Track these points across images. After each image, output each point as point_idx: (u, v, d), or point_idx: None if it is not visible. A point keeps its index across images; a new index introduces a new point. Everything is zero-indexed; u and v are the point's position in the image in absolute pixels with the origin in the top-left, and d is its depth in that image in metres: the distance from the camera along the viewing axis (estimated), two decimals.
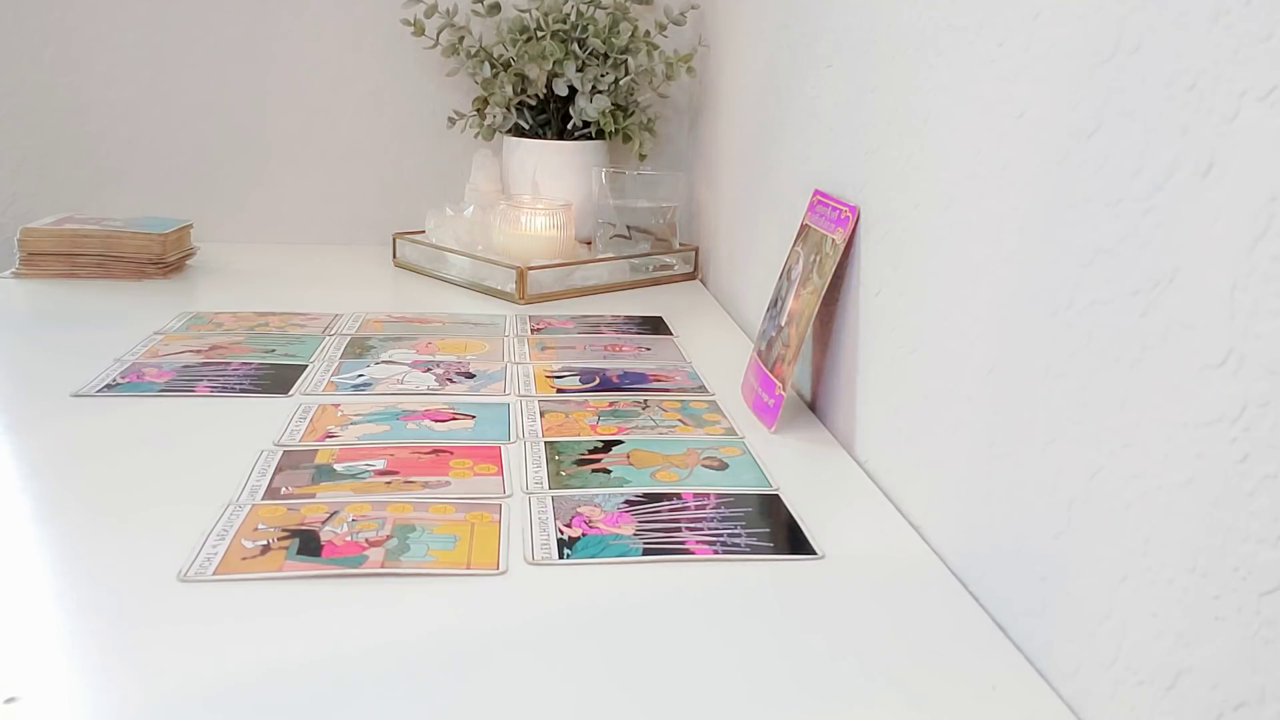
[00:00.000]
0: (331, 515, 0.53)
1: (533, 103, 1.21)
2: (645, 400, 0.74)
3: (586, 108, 1.16)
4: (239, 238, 1.29)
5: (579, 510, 0.56)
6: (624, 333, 0.93)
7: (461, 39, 1.19)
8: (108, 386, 0.73)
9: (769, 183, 0.91)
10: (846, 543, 0.54)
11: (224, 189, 1.29)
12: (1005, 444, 0.47)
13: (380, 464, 0.61)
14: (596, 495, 0.57)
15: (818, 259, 0.69)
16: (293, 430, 0.66)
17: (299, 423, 0.67)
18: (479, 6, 1.21)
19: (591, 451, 0.64)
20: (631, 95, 1.22)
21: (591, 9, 1.18)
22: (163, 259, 1.07)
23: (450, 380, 0.77)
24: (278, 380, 0.76)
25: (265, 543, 0.50)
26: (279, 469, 0.59)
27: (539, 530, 0.53)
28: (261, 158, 1.30)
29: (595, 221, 1.17)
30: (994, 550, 0.47)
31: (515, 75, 1.18)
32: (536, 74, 1.16)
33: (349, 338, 0.88)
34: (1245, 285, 0.32)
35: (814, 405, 0.75)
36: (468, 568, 0.49)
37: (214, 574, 0.48)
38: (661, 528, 0.54)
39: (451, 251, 1.12)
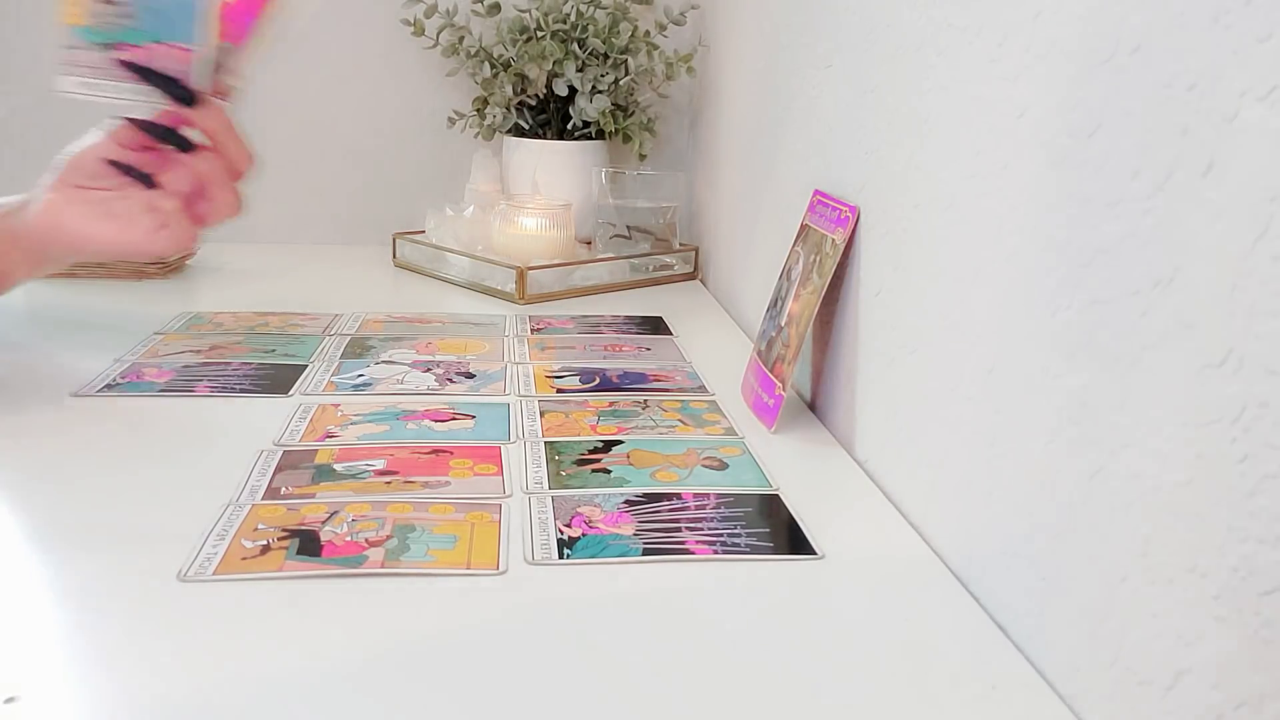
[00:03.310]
0: (331, 515, 0.53)
1: (533, 103, 1.21)
2: (645, 400, 0.74)
3: (586, 108, 1.16)
4: (239, 238, 1.29)
5: (579, 510, 0.56)
6: (624, 333, 0.93)
7: (461, 39, 1.19)
8: (108, 386, 0.73)
9: (769, 183, 0.91)
10: (846, 543, 0.54)
11: None
12: (1005, 444, 0.47)
13: (380, 464, 0.61)
14: (596, 495, 0.57)
15: (818, 259, 0.69)
16: (293, 430, 0.66)
17: (299, 423, 0.67)
18: (479, 6, 1.21)
19: (591, 451, 0.64)
20: (631, 95, 1.22)
21: (591, 9, 1.18)
22: (163, 259, 1.07)
23: (450, 380, 0.77)
24: (278, 380, 0.76)
25: (265, 543, 0.50)
26: (279, 469, 0.59)
27: (539, 530, 0.53)
28: (261, 158, 1.29)
29: (595, 221, 1.17)
30: (994, 550, 0.47)
31: (515, 75, 1.18)
32: (536, 74, 1.16)
33: (349, 338, 0.88)
34: (1245, 285, 0.32)
35: (814, 405, 0.75)
36: (468, 568, 0.49)
37: (214, 574, 0.48)
38: (661, 528, 0.54)
39: (451, 251, 1.12)
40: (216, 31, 0.70)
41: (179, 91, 0.70)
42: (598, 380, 0.78)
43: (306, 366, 0.79)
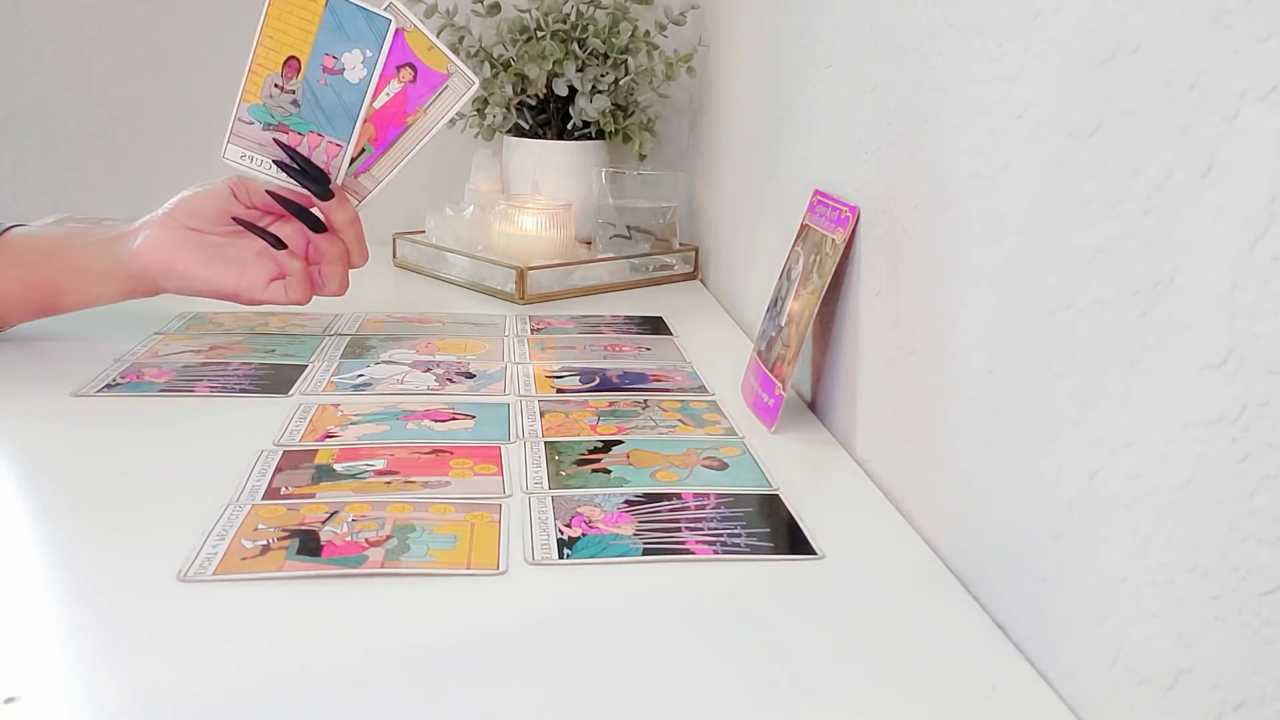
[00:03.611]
0: (331, 515, 0.53)
1: (533, 103, 1.21)
2: (645, 400, 0.74)
3: (586, 108, 1.16)
4: None
5: (579, 510, 0.56)
6: (624, 333, 0.93)
7: (461, 39, 1.19)
8: (108, 386, 0.73)
9: (769, 183, 0.91)
10: (846, 543, 0.54)
11: None
12: (1005, 444, 0.47)
13: (380, 464, 0.61)
14: (596, 495, 0.57)
15: (818, 259, 0.69)
16: (292, 430, 0.66)
17: (299, 423, 0.67)
18: (479, 6, 1.21)
19: (591, 451, 0.64)
20: (631, 95, 1.22)
21: (591, 9, 1.18)
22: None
23: (450, 380, 0.77)
24: (277, 380, 0.76)
25: (265, 543, 0.50)
26: (279, 469, 0.59)
27: (539, 530, 0.53)
28: None
29: (595, 221, 1.17)
30: (994, 550, 0.47)
31: (515, 75, 1.18)
32: (536, 74, 1.16)
33: (349, 338, 0.88)
34: (1245, 285, 0.32)
35: (814, 405, 0.75)
36: (468, 568, 0.49)
37: (214, 574, 0.48)
38: (661, 528, 0.54)
39: (451, 251, 1.12)
40: (364, 135, 0.80)
41: (320, 184, 0.79)
42: (598, 380, 0.78)
43: (306, 366, 0.79)
